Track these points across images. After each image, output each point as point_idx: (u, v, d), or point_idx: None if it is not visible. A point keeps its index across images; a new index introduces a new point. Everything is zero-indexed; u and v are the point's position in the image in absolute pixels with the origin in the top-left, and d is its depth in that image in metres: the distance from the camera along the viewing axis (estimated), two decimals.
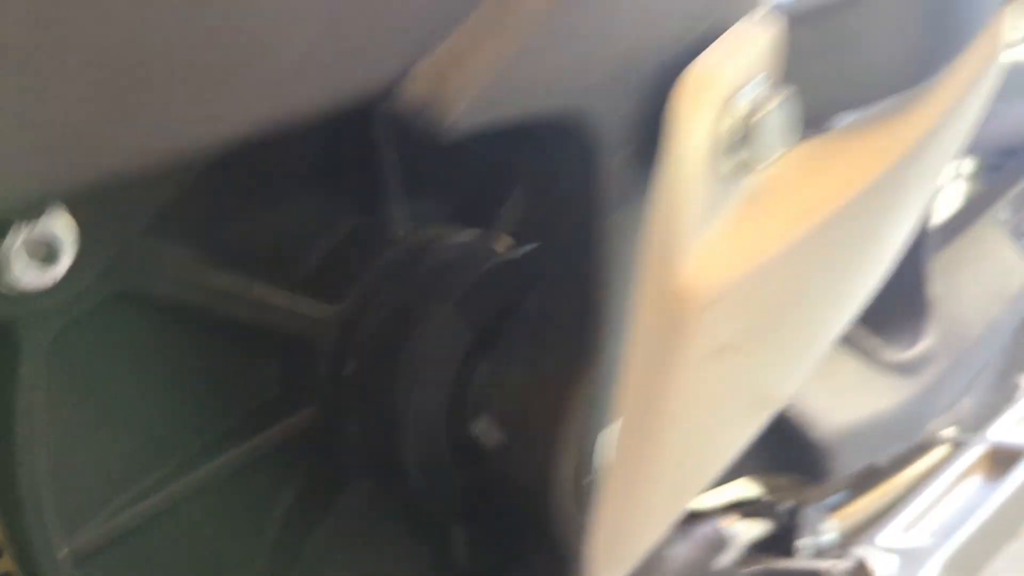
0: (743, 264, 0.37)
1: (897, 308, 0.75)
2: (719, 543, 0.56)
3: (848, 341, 0.67)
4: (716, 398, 0.40)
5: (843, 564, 0.61)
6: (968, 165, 1.03)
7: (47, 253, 0.33)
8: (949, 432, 0.83)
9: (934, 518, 0.70)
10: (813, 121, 0.38)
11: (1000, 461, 0.76)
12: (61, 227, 0.33)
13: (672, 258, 0.36)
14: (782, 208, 0.38)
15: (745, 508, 0.62)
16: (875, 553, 0.63)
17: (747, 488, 0.63)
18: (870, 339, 0.69)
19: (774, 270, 0.38)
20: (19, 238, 0.32)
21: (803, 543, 0.62)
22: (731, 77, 0.34)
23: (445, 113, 0.28)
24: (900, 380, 0.69)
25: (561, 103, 0.32)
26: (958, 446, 0.79)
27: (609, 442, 0.40)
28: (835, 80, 0.38)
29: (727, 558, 0.56)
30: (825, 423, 0.60)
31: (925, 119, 0.41)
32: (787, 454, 0.60)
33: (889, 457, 0.80)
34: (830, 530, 0.64)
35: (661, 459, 0.40)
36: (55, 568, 0.39)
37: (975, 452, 0.77)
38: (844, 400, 0.63)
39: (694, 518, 0.57)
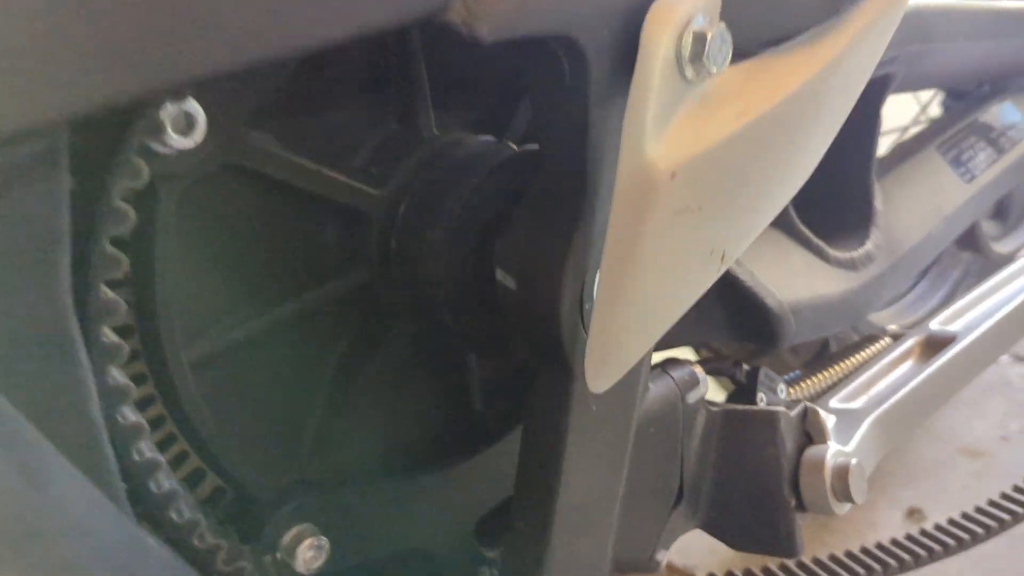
0: (695, 146, 0.48)
1: (846, 216, 0.87)
2: (693, 381, 0.67)
3: (799, 239, 0.80)
4: (677, 249, 0.51)
5: (794, 410, 0.72)
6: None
7: (186, 125, 0.46)
8: (893, 327, 0.95)
9: (871, 390, 0.83)
10: (746, 48, 0.50)
11: (932, 347, 0.87)
12: (195, 108, 0.46)
13: (643, 141, 0.46)
14: (724, 109, 0.49)
15: (715, 365, 0.74)
16: (818, 410, 0.75)
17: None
18: (819, 240, 0.81)
19: (719, 152, 0.49)
20: (170, 109, 0.45)
21: (760, 397, 0.74)
22: (686, 10, 0.46)
23: (480, 28, 0.41)
24: (844, 273, 0.81)
25: (559, 26, 0.44)
26: (898, 338, 0.91)
27: (599, 279, 0.52)
28: (759, 17, 0.50)
29: (698, 394, 0.67)
30: (778, 295, 0.72)
31: (834, 46, 0.52)
32: (748, 322, 0.71)
33: (836, 341, 0.92)
34: (783, 391, 0.76)
35: (635, 295, 0.51)
36: (180, 372, 0.51)
37: (913, 339, 0.89)
38: (795, 282, 0.75)
39: (674, 362, 0.68)
